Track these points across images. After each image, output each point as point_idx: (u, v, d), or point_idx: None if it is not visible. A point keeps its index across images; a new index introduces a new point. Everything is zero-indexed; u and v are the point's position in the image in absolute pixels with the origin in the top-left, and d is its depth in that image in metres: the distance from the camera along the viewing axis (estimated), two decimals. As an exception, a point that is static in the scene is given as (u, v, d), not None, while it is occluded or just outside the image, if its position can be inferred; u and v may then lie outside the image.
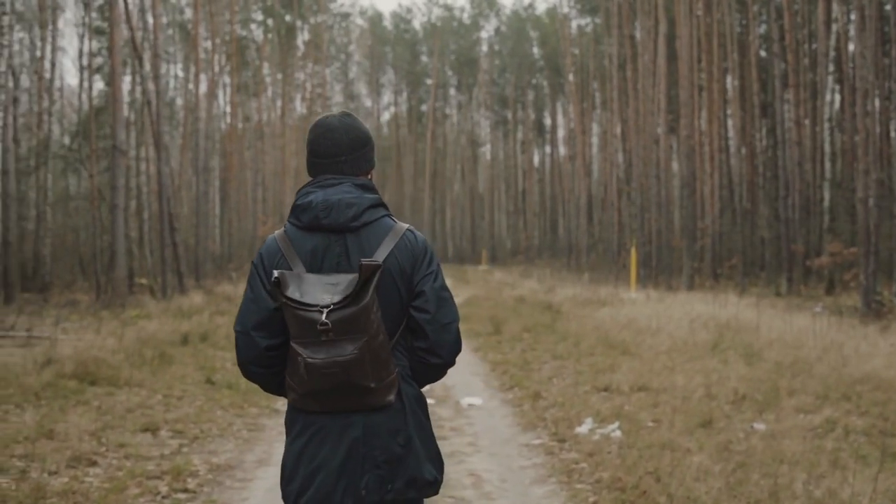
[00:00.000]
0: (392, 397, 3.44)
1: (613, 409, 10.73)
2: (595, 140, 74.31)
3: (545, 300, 27.26)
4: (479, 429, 10.51)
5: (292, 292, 3.36)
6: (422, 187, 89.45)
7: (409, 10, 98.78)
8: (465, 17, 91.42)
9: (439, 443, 9.58)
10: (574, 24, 72.41)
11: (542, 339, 18.78)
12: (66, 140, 45.38)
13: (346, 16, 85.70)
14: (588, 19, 71.13)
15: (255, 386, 11.81)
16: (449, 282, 34.73)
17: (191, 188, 52.83)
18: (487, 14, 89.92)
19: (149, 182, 42.53)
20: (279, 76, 72.40)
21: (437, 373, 3.67)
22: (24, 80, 49.54)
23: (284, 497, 3.52)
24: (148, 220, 41.36)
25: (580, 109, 68.60)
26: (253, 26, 67.88)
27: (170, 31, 65.33)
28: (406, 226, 3.62)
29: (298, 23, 70.08)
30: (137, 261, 37.75)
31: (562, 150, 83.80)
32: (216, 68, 54.84)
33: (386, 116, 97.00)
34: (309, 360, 3.31)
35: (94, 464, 8.65)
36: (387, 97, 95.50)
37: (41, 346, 16.92)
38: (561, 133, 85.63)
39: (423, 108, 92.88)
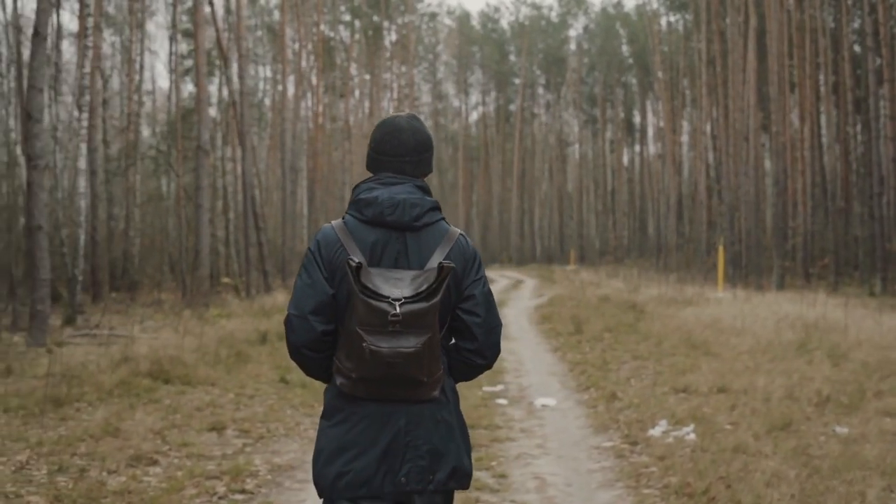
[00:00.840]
0: (437, 392, 3.56)
1: (690, 411, 10.37)
2: (686, 138, 73.27)
3: (629, 300, 26.77)
4: (549, 430, 10.23)
5: (365, 280, 3.47)
6: (510, 187, 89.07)
7: (496, 10, 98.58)
8: (553, 16, 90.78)
9: (507, 444, 9.40)
10: (663, 20, 71.54)
11: (623, 339, 18.39)
12: (156, 141, 45.91)
13: (433, 16, 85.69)
14: (678, 15, 70.21)
15: (319, 388, 11.76)
16: (535, 282, 34.72)
17: (279, 189, 53.04)
18: (576, 12, 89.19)
19: (235, 182, 42.87)
20: (367, 77, 72.68)
21: (477, 372, 3.83)
22: (116, 83, 50.29)
23: (319, 478, 3.59)
24: (234, 220, 41.66)
25: (670, 107, 67.70)
26: (340, 27, 68.09)
27: (259, 33, 65.98)
28: (459, 231, 3.75)
29: (385, 23, 70.20)
30: (224, 260, 38.02)
31: (651, 148, 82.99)
32: (304, 69, 55.16)
33: (474, 116, 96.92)
34: (373, 347, 3.40)
35: (154, 463, 8.55)
36: (475, 97, 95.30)
37: (121, 344, 17.04)
38: (650, 131, 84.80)
39: (512, 107, 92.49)
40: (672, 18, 71.56)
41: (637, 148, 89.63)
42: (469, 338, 3.70)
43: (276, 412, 11.47)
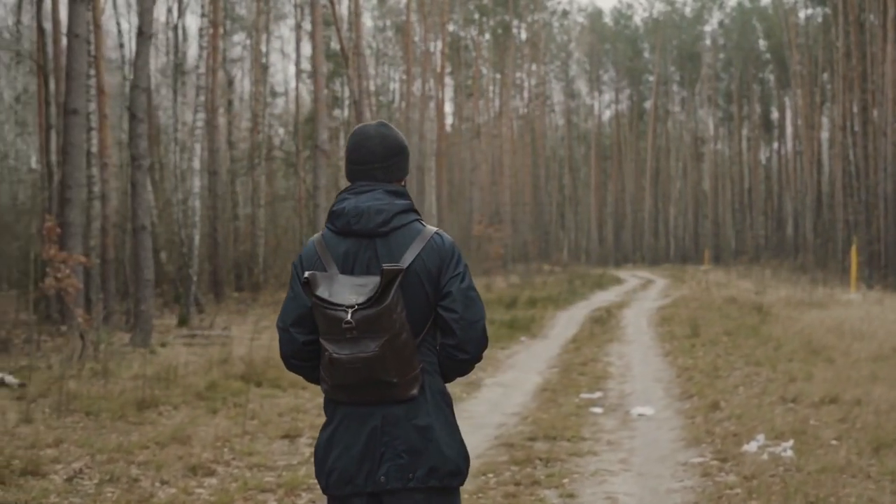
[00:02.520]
0: (415, 391, 3.66)
1: (793, 424, 9.61)
2: (825, 135, 70.92)
3: (755, 301, 25.73)
4: (638, 443, 9.58)
5: (322, 292, 3.59)
6: (643, 186, 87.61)
7: (629, 6, 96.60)
8: (688, 11, 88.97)
9: (587, 459, 8.80)
10: (801, 14, 69.37)
11: (740, 343, 17.49)
12: (280, 142, 46.14)
13: (565, 13, 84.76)
14: (816, 8, 67.98)
15: None
16: (665, 283, 33.70)
17: (410, 188, 52.93)
18: (710, 7, 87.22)
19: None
20: (497, 76, 72.26)
21: (465, 367, 3.87)
22: (247, 84, 50.74)
23: (317, 476, 3.78)
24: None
25: (808, 103, 65.61)
26: (470, 28, 67.82)
27: (388, 34, 66.15)
28: (434, 229, 3.80)
29: (515, 22, 69.63)
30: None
31: (789, 145, 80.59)
32: (433, 69, 54.97)
33: (607, 115, 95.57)
34: (334, 355, 3.56)
35: (211, 473, 8.21)
36: (607, 95, 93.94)
37: (225, 345, 16.91)
38: (788, 128, 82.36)
39: (645, 105, 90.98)
40: (809, 11, 69.34)
41: (775, 145, 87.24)
42: (449, 334, 3.75)
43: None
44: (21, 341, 17.79)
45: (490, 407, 12.01)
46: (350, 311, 3.52)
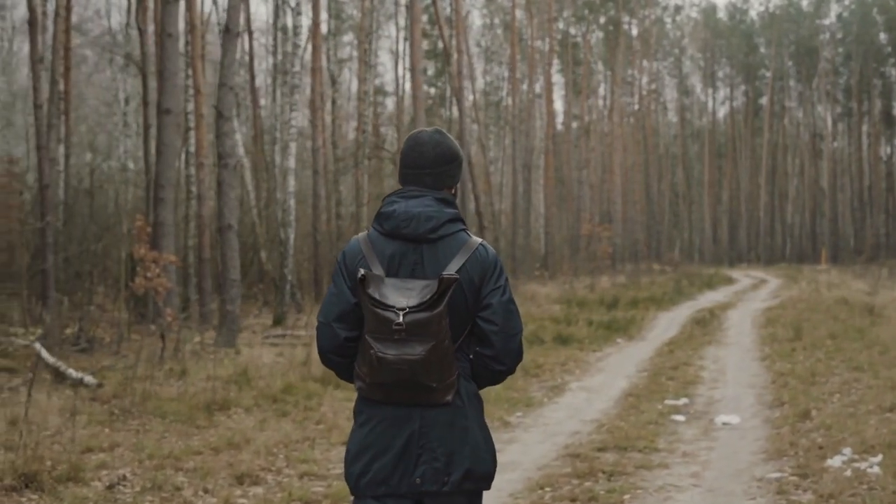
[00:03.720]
0: (450, 397, 3.71)
1: (886, 437, 8.94)
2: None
3: (867, 302, 24.69)
4: (715, 455, 9.01)
5: (373, 291, 3.67)
6: (759, 183, 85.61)
7: (745, 0, 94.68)
8: (805, 5, 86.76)
9: (656, 473, 8.27)
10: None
11: (845, 347, 16.66)
12: (382, 141, 46.01)
13: (678, 9, 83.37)
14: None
15: (497, 397, 11.01)
16: (778, 283, 32.55)
17: (517, 187, 52.46)
18: (828, 0, 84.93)
19: (463, 181, 42.47)
20: (608, 73, 71.32)
21: (500, 378, 3.92)
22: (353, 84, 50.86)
23: (347, 477, 3.82)
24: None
25: (930, 97, 63.42)
26: (580, 25, 67.04)
27: (498, 32, 65.69)
28: (479, 240, 3.85)
29: (626, 18, 68.61)
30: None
31: (913, 141, 78.10)
32: (544, 67, 54.47)
33: (722, 111, 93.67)
34: (380, 354, 3.62)
35: (259, 482, 7.92)
36: (722, 91, 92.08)
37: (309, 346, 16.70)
38: (911, 123, 79.78)
39: (761, 101, 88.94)
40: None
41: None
42: (487, 344, 3.80)
43: (431, 424, 10.68)
44: (111, 341, 17.83)
45: (569, 413, 11.55)
46: (401, 313, 3.61)
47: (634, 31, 71.51)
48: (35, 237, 22.27)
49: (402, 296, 3.65)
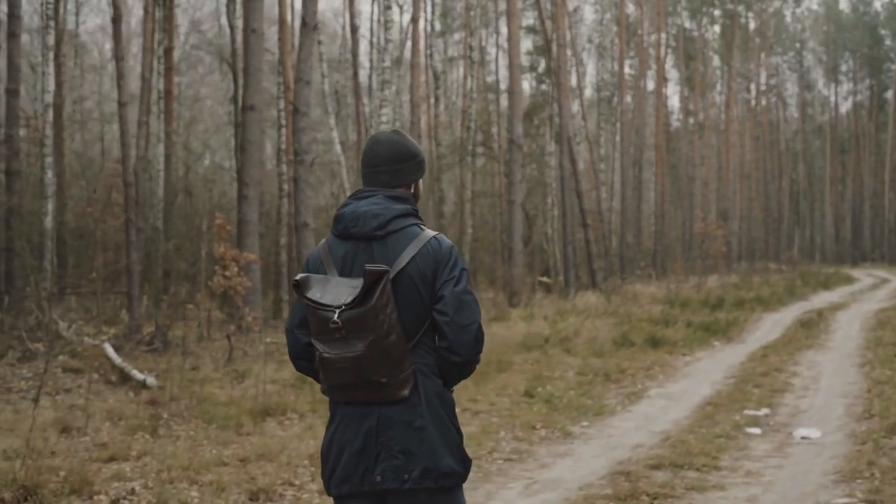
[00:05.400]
0: (406, 392, 3.71)
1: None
2: None
3: None
4: (783, 475, 8.20)
5: (313, 294, 3.73)
6: (883, 180, 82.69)
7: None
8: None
9: (709, 495, 7.49)
10: None
11: (956, 354, 15.57)
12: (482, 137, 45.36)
13: (797, 1, 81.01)
14: None
15: (567, 404, 10.26)
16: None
17: (626, 184, 51.38)
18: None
19: (559, 180, 41.61)
20: (725, 68, 69.63)
21: (461, 369, 3.89)
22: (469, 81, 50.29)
23: (322, 475, 3.87)
24: (561, 218, 40.42)
25: None
26: (697, 19, 65.55)
27: (613, 27, 64.60)
28: (432, 233, 3.88)
29: (742, 10, 66.88)
30: (551, 258, 36.91)
31: None
32: (655, 62, 53.35)
33: (845, 106, 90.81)
34: (324, 354, 3.69)
35: (273, 499, 7.41)
36: (845, 86, 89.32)
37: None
38: None
39: (886, 95, 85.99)
40: None
41: None
42: (442, 336, 3.80)
43: (489, 433, 10.09)
44: (189, 341, 17.60)
45: (639, 423, 10.81)
46: (337, 311, 3.64)
47: (752, 25, 69.71)
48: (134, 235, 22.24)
49: (344, 294, 3.67)
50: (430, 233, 3.86)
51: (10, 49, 22.94)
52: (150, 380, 12.91)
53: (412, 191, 4.04)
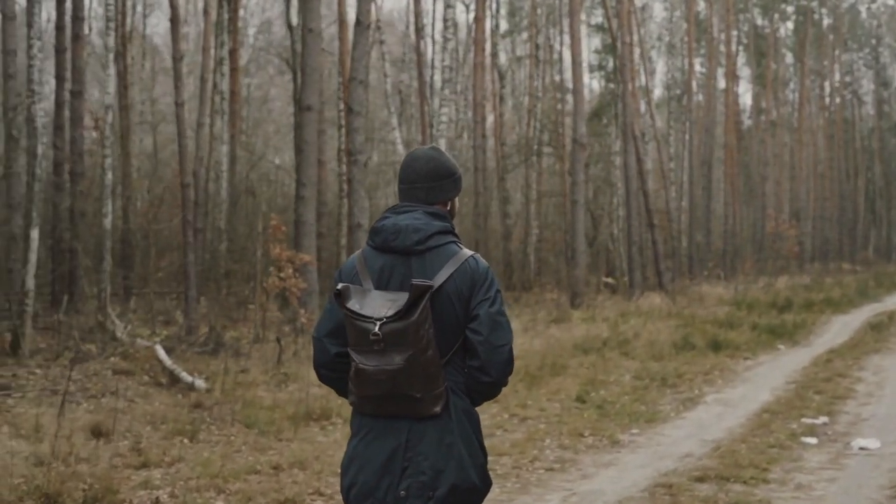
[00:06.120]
0: (438, 409, 3.70)
1: None
2: None
3: None
4: (834, 489, 7.82)
5: (352, 304, 3.72)
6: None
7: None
8: None
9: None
10: None
11: None
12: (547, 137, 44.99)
13: (873, -4, 79.43)
14: None
15: (619, 410, 9.97)
16: None
17: (693, 183, 50.64)
18: None
19: (626, 179, 41.08)
20: (798, 65, 68.50)
21: (489, 390, 3.87)
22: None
23: (341, 489, 3.86)
24: (627, 218, 39.96)
25: None
26: (769, 16, 64.54)
27: (683, 25, 63.79)
28: (470, 253, 3.88)
29: (815, 6, 65.72)
30: (617, 258, 36.45)
31: None
32: (725, 60, 52.58)
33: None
34: (361, 365, 3.67)
35: (301, 508, 7.20)
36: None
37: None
38: None
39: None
40: None
41: None
42: (474, 355, 3.79)
43: (534, 440, 9.81)
44: (245, 342, 17.53)
45: (691, 431, 10.46)
46: (378, 323, 3.64)
47: (826, 21, 68.49)
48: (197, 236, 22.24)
49: (384, 307, 3.68)
50: (467, 252, 3.88)
51: (73, 51, 23.14)
52: (199, 382, 12.81)
53: (448, 208, 4.05)
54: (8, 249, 19.45)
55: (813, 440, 9.72)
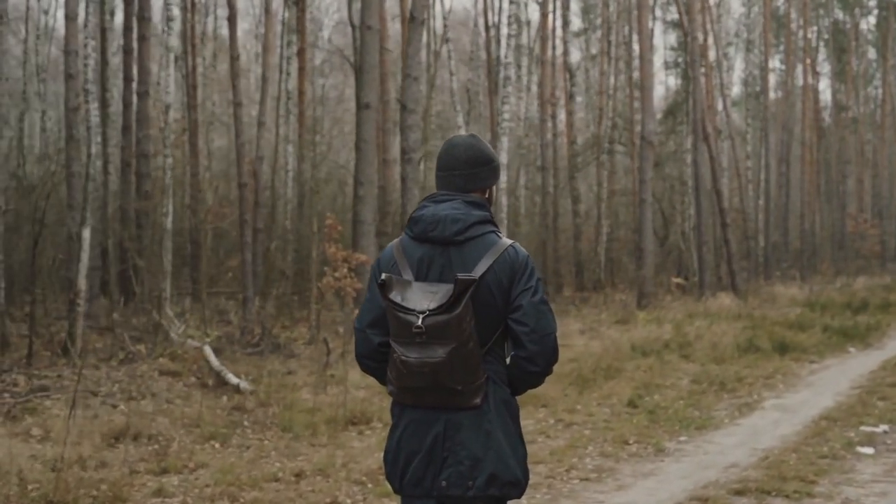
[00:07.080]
0: (478, 400, 3.74)
1: None
2: None
3: None
4: (887, 502, 7.36)
5: (395, 296, 3.73)
6: None
7: None
8: None
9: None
10: None
11: None
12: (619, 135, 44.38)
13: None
14: None
15: (669, 416, 9.54)
16: None
17: (769, 181, 49.68)
18: None
19: (696, 178, 40.31)
20: (881, 61, 66.99)
21: (536, 379, 3.89)
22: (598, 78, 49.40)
23: (389, 478, 3.89)
24: (697, 216, 39.22)
25: None
26: (851, 11, 63.20)
27: (762, 21, 62.63)
28: (509, 242, 3.85)
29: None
30: (688, 258, 35.78)
31: None
32: (804, 56, 51.56)
33: None
34: (403, 357, 3.70)
35: (318, 519, 6.91)
36: None
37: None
38: None
39: None
40: None
41: None
42: (520, 346, 3.80)
43: (575, 448, 9.44)
44: (299, 343, 17.38)
45: (743, 438, 10.00)
46: (421, 316, 3.64)
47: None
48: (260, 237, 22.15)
49: (425, 299, 3.67)
50: (506, 241, 3.84)
51: (140, 52, 23.19)
52: (244, 384, 12.64)
53: (486, 196, 4.01)
54: (68, 250, 19.49)
55: (870, 450, 9.21)
